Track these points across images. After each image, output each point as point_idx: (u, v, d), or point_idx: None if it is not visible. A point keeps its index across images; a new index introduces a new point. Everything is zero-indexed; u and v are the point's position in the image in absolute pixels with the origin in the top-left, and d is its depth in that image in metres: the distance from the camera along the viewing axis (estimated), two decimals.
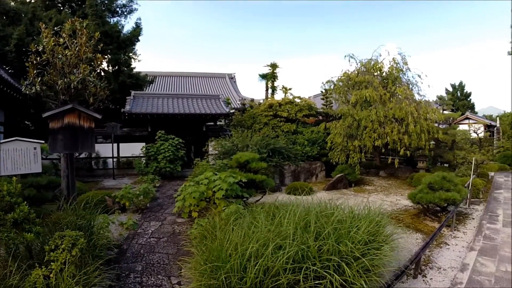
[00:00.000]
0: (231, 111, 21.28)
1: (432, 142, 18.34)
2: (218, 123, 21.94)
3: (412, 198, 10.31)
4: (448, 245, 8.03)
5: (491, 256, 7.22)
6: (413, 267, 6.07)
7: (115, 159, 18.78)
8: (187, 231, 7.96)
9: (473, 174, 13.67)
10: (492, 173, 20.50)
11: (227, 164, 12.25)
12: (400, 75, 18.18)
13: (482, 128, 37.26)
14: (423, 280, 6.06)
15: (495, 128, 35.51)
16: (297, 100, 21.36)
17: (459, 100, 51.45)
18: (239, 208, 7.22)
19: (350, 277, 4.38)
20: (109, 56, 20.96)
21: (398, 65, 18.02)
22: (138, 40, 23.67)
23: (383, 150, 18.32)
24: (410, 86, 18.16)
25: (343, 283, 4.36)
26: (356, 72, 18.20)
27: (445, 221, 8.18)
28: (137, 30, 23.42)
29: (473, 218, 10.56)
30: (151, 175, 15.13)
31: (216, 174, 9.16)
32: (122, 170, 19.17)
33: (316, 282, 4.30)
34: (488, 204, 12.43)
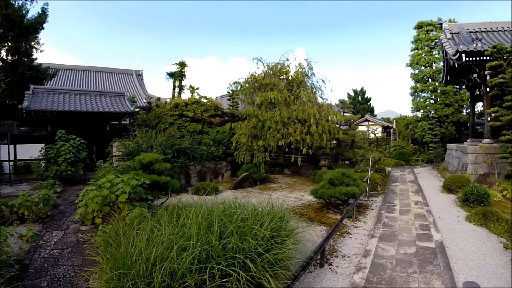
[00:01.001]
0: (136, 110, 20.65)
1: (334, 142, 19.78)
2: (123, 122, 21.03)
3: (314, 194, 10.96)
4: (351, 234, 8.66)
5: (390, 241, 7.95)
6: (318, 257, 6.42)
7: (11, 163, 16.90)
8: (91, 239, 7.61)
9: (371, 170, 15.00)
10: (389, 169, 22.89)
11: (131, 166, 11.85)
12: (305, 80, 19.49)
13: (380, 129, 41.18)
14: (330, 268, 6.44)
15: (392, 129, 39.63)
16: (204, 100, 21.52)
17: (360, 104, 56.68)
18: (143, 211, 6.99)
19: (256, 273, 4.48)
20: (9, 44, 18.82)
21: (304, 70, 19.35)
22: (43, 28, 21.49)
23: (286, 150, 19.29)
24: (314, 90, 19.55)
25: (250, 279, 4.45)
26: (263, 74, 19.02)
27: (346, 213, 8.82)
28: (42, 17, 21.22)
29: (373, 209, 11.59)
30: (51, 180, 14.13)
31: (119, 177, 8.78)
32: (20, 175, 17.30)
33: (223, 280, 4.35)
34: (386, 195, 13.73)
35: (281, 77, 19.36)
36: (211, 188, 12.46)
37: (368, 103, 58.26)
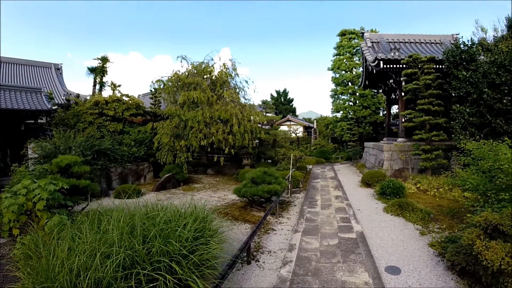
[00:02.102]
0: (54, 107, 19.07)
1: (256, 141, 20.18)
2: (39, 121, 19.39)
3: (237, 193, 11.18)
4: (275, 230, 8.94)
5: (314, 235, 8.36)
6: (245, 254, 6.55)
7: None
8: (10, 252, 7.06)
9: (293, 168, 15.64)
10: (310, 166, 24.08)
11: (48, 170, 11.06)
12: (229, 80, 19.70)
13: (302, 129, 42.95)
14: (257, 264, 6.60)
15: (313, 129, 41.51)
16: (125, 98, 20.66)
17: (282, 104, 59.05)
18: (63, 219, 6.61)
19: (183, 275, 4.48)
20: None
21: (228, 70, 19.50)
22: None
23: (209, 149, 19.30)
24: (237, 90, 19.84)
25: (178, 282, 4.45)
26: (187, 73, 18.82)
27: (269, 210, 9.09)
28: None
29: (295, 205, 12.09)
30: None
31: (35, 182, 8.12)
32: None
33: (150, 285, 4.27)
34: (308, 192, 14.45)
35: (205, 76, 19.38)
36: (133, 190, 12.22)
37: (291, 104, 60.78)
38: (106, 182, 15.38)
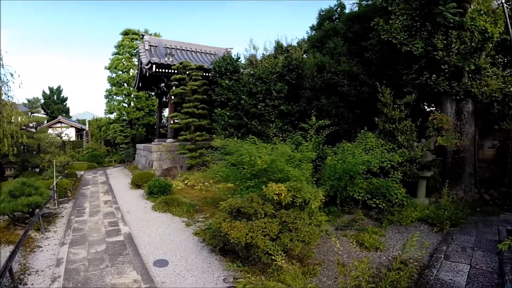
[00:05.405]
0: None
1: (21, 147, 17.92)
2: None
3: None
4: (42, 247, 8.34)
5: (81, 244, 8.25)
6: (10, 280, 5.91)
7: None
8: None
9: (60, 175, 14.69)
10: (82, 172, 23.05)
11: None
12: None
13: (74, 131, 40.14)
14: None
15: (85, 132, 39.12)
16: None
17: (55, 103, 53.49)
18: None
19: None
20: None
21: None
22: None
23: None
24: (1, 85, 16.73)
25: None
26: None
27: (29, 226, 8.23)
28: None
29: (63, 216, 11.42)
30: None
31: None
32: None
33: None
34: (76, 200, 13.89)
35: None
36: None
37: (64, 103, 55.73)
38: None
